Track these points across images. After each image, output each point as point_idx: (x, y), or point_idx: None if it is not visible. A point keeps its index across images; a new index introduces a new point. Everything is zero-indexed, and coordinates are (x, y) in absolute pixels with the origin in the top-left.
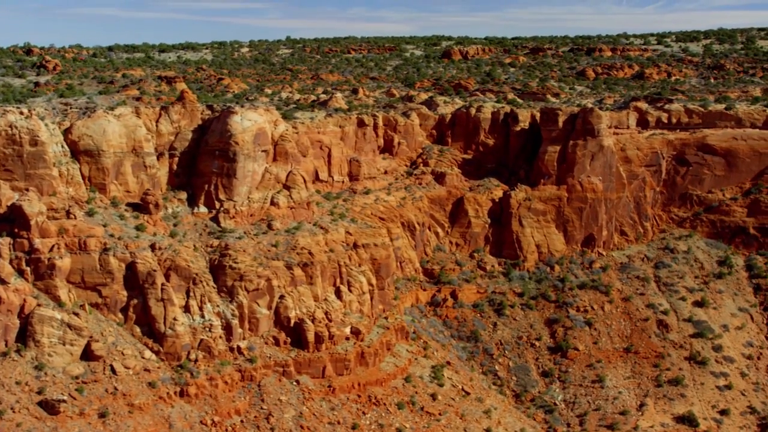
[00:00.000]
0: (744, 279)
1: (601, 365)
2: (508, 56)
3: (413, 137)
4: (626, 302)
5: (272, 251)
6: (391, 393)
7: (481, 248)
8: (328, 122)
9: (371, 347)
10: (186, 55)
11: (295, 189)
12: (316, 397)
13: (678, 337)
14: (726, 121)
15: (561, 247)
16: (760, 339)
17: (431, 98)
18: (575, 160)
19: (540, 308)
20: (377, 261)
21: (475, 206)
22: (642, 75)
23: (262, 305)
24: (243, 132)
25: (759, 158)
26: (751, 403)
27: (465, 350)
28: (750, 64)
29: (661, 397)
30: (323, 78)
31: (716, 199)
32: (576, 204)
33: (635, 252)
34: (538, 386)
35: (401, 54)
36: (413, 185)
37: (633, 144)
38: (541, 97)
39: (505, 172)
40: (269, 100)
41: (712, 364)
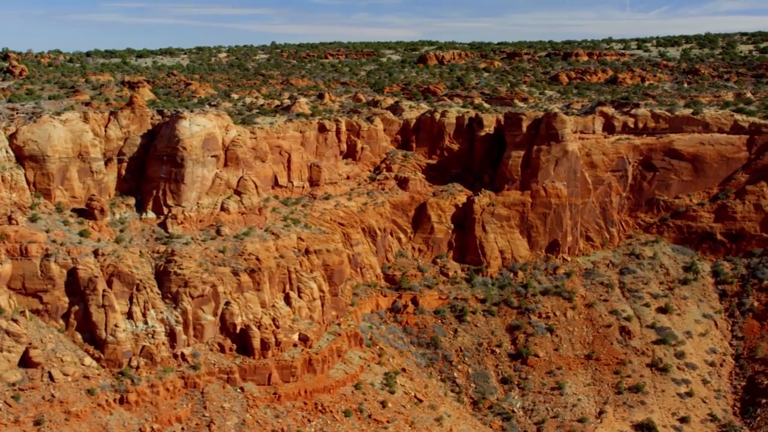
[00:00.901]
0: (710, 285)
1: (562, 372)
2: (484, 61)
3: (377, 142)
4: (589, 308)
5: (219, 257)
6: (339, 400)
7: (444, 254)
8: (288, 127)
9: (319, 354)
10: (163, 60)
11: (246, 194)
12: (260, 404)
13: (640, 344)
14: (693, 126)
15: (525, 252)
16: (723, 346)
17: (397, 103)
18: (539, 165)
19: (502, 314)
20: (330, 267)
21: (438, 212)
22: (615, 80)
23: (207, 312)
24: (191, 137)
25: (726, 163)
26: (712, 411)
27: (424, 357)
28: (725, 69)
29: (621, 405)
30: (293, 83)
31: (683, 205)
32: (540, 209)
33: (601, 258)
34: (496, 393)
35: (377, 59)
36: (376, 191)
37: (598, 149)
38: (509, 102)
39: (470, 177)
40: (233, 105)
41: (673, 371)
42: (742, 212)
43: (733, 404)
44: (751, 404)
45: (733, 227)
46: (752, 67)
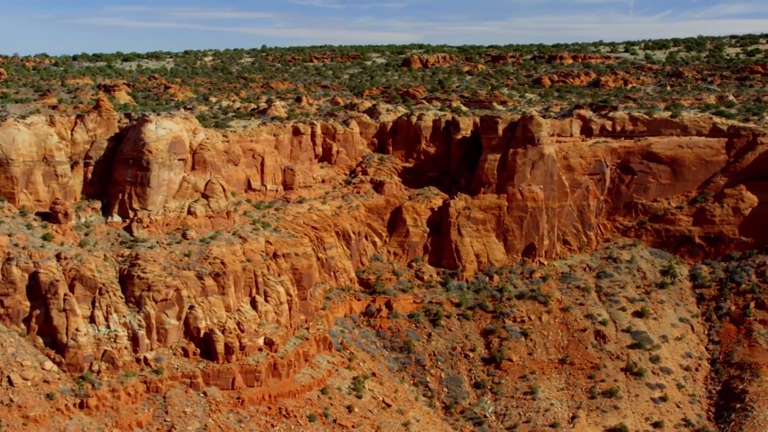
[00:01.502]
0: (687, 289)
1: (535, 376)
2: (468, 64)
3: (353, 146)
4: (565, 312)
5: (184, 261)
6: (304, 405)
7: (420, 258)
8: (262, 131)
9: (285, 358)
10: (148, 63)
11: (213, 198)
12: (223, 409)
13: (615, 348)
14: (672, 129)
15: (501, 256)
16: (699, 350)
17: (374, 106)
18: (515, 168)
19: (477, 318)
20: (299, 271)
21: (414, 215)
22: (597, 83)
23: (171, 316)
24: (157, 140)
25: (705, 166)
26: (686, 416)
27: (397, 361)
28: (709, 72)
29: (594, 409)
30: (273, 86)
31: (661, 208)
32: (516, 213)
33: (578, 261)
34: (469, 398)
35: (362, 62)
36: (351, 194)
37: (576, 152)
38: (488, 105)
39: (447, 180)
40: (209, 108)
41: (648, 376)
42: (721, 215)
43: (708, 409)
44: (725, 409)
45: (711, 231)
46: (736, 70)
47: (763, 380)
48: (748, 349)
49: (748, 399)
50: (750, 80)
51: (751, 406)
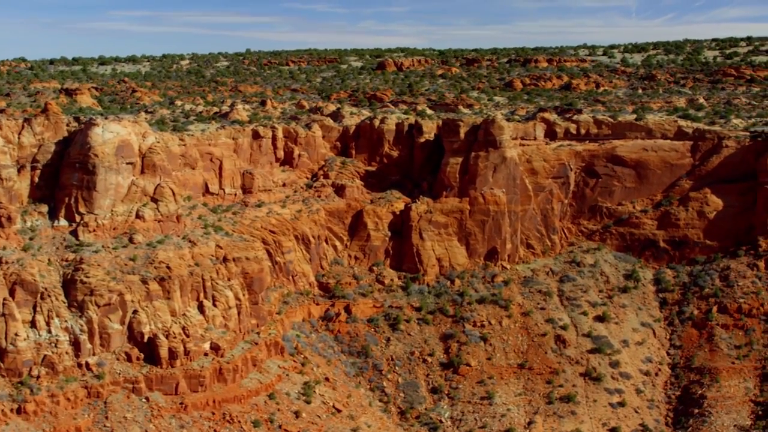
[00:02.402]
0: (651, 293)
1: (493, 381)
2: (442, 68)
3: (315, 149)
4: (525, 317)
5: (129, 265)
6: (250, 410)
7: (381, 262)
8: (220, 134)
9: (231, 363)
10: (123, 67)
11: (163, 202)
12: (165, 414)
13: (575, 353)
14: (636, 132)
15: (463, 260)
16: (660, 355)
17: (338, 110)
18: (477, 171)
19: (437, 323)
20: (249, 275)
21: (375, 219)
22: (569, 86)
23: (114, 320)
24: (103, 144)
25: (670, 170)
26: (643, 421)
27: (354, 366)
28: (683, 75)
29: (551, 415)
30: (241, 90)
31: (626, 212)
32: (478, 217)
33: (541, 265)
34: (425, 403)
35: (337, 66)
36: (311, 198)
37: (539, 155)
38: (453, 109)
39: (409, 184)
40: (171, 112)
41: (607, 381)
42: (686, 219)
43: (666, 414)
44: (683, 414)
45: (676, 234)
46: (710, 73)
47: (723, 385)
48: (709, 353)
49: (706, 404)
50: (722, 83)
51: (709, 412)
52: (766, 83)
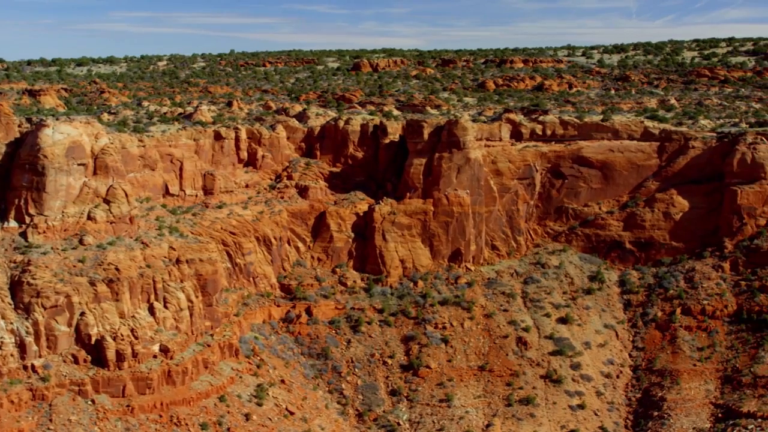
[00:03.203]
0: (615, 295)
1: (452, 384)
2: (417, 68)
3: (279, 150)
4: (488, 319)
5: (78, 267)
6: (198, 413)
7: (344, 263)
8: (181, 135)
9: (180, 365)
10: (99, 68)
11: (115, 203)
12: (111, 417)
13: (536, 355)
14: (602, 133)
15: (427, 262)
16: (622, 357)
17: (304, 111)
18: (441, 173)
19: (398, 325)
20: (203, 277)
21: (338, 220)
22: (542, 86)
23: (61, 322)
24: (53, 145)
25: (636, 171)
26: (603, 424)
27: (313, 368)
28: (657, 76)
29: (510, 417)
30: (211, 91)
31: (592, 213)
32: (442, 218)
33: (506, 267)
34: (384, 405)
35: (313, 67)
36: (274, 199)
37: (504, 156)
38: (421, 109)
39: (374, 185)
40: (134, 112)
41: (568, 383)
42: (651, 220)
43: (626, 417)
44: (643, 417)
45: (642, 236)
46: (684, 74)
47: (683, 387)
48: (671, 355)
49: (665, 407)
50: (695, 84)
51: (668, 414)
52: (739, 84)
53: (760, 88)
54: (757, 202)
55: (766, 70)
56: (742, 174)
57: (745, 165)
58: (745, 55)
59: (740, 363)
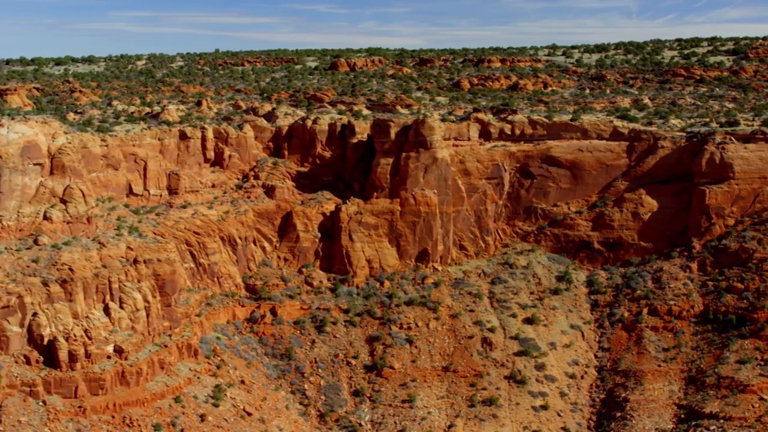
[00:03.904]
0: (582, 295)
1: (416, 384)
2: (393, 68)
3: (246, 150)
4: (454, 319)
5: (31, 267)
6: (152, 414)
7: (311, 263)
8: (145, 135)
9: (134, 366)
10: (77, 68)
11: (72, 203)
12: (62, 418)
13: (501, 356)
14: (571, 133)
15: (394, 262)
16: (587, 357)
17: (273, 110)
18: (408, 172)
19: (364, 325)
20: (161, 277)
21: (305, 220)
22: (516, 86)
23: (13, 323)
24: (7, 145)
25: (606, 170)
26: (565, 424)
27: (277, 368)
28: (632, 75)
29: (473, 418)
30: (183, 90)
31: (561, 213)
32: (409, 218)
33: (473, 267)
34: (346, 406)
35: (291, 66)
36: (240, 199)
37: (473, 156)
38: (391, 109)
39: (341, 185)
40: (102, 112)
41: (531, 384)
42: (620, 220)
43: (589, 417)
44: (606, 417)
45: (610, 236)
46: (660, 73)
47: (647, 388)
48: (636, 356)
49: (628, 407)
50: (671, 83)
51: (631, 415)
52: (714, 83)
53: (734, 87)
54: (726, 202)
55: (743, 70)
56: (710, 174)
57: (713, 165)
58: (725, 55)
59: (705, 363)
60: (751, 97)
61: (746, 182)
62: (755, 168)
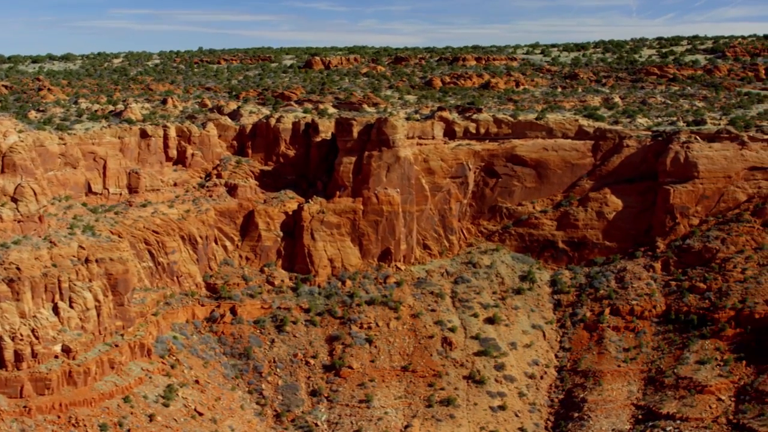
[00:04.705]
0: (546, 295)
1: (374, 384)
2: (367, 66)
3: (210, 148)
4: (415, 319)
5: None
6: (100, 414)
7: (273, 262)
8: (105, 133)
9: (82, 366)
10: (53, 65)
11: (23, 202)
12: (6, 417)
13: (461, 356)
14: (537, 132)
15: (356, 261)
16: (548, 357)
17: (238, 108)
18: (370, 171)
19: (324, 325)
20: (114, 276)
21: (267, 219)
22: (488, 84)
23: None
24: None
25: (571, 169)
26: (523, 425)
27: (235, 368)
28: (606, 74)
29: (429, 418)
30: (152, 88)
31: (526, 212)
32: (371, 217)
33: (437, 266)
34: (303, 406)
35: (266, 65)
36: (202, 197)
37: (437, 155)
38: (358, 107)
39: (305, 184)
40: (65, 110)
41: (490, 384)
42: (584, 220)
43: (547, 418)
44: (564, 418)
45: (575, 235)
46: (633, 72)
47: (605, 389)
48: (597, 356)
49: (586, 408)
50: (643, 82)
51: (588, 416)
52: (687, 82)
53: (707, 86)
54: (690, 202)
55: (717, 69)
56: (675, 173)
57: (678, 164)
58: (703, 53)
59: (665, 364)
60: (722, 96)
61: (711, 181)
62: (720, 167)
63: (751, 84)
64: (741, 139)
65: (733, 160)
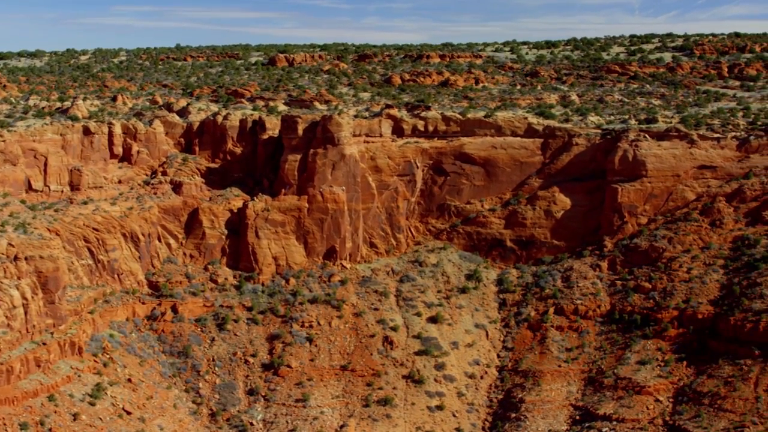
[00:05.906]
0: (491, 294)
1: (312, 383)
2: (330, 63)
3: (156, 145)
4: (357, 318)
5: None
6: (22, 412)
7: (218, 260)
8: (46, 130)
9: (5, 364)
10: (18, 62)
11: None
12: None
13: (401, 355)
14: (485, 129)
15: (301, 259)
16: (489, 357)
17: (187, 105)
18: (315, 169)
19: (266, 323)
20: (44, 274)
21: (211, 217)
22: (447, 82)
23: None
24: None
25: (520, 168)
26: (460, 425)
27: (173, 366)
28: (567, 71)
29: (366, 418)
30: (108, 85)
31: (474, 210)
32: (317, 215)
33: (382, 265)
34: (240, 405)
35: (231, 62)
36: (147, 195)
37: (384, 153)
38: (309, 105)
39: (251, 181)
40: (12, 106)
41: (429, 384)
42: (533, 218)
43: (485, 418)
44: (501, 419)
45: (523, 234)
46: (594, 69)
47: (543, 389)
48: (538, 356)
49: (523, 408)
50: (603, 79)
51: (525, 416)
52: (647, 80)
53: (666, 84)
54: (638, 201)
55: (680, 66)
56: (623, 172)
57: (626, 162)
58: (672, 51)
59: (606, 364)
60: (680, 95)
61: (659, 180)
62: (668, 166)
63: (712, 82)
64: (690, 137)
65: (682, 159)
